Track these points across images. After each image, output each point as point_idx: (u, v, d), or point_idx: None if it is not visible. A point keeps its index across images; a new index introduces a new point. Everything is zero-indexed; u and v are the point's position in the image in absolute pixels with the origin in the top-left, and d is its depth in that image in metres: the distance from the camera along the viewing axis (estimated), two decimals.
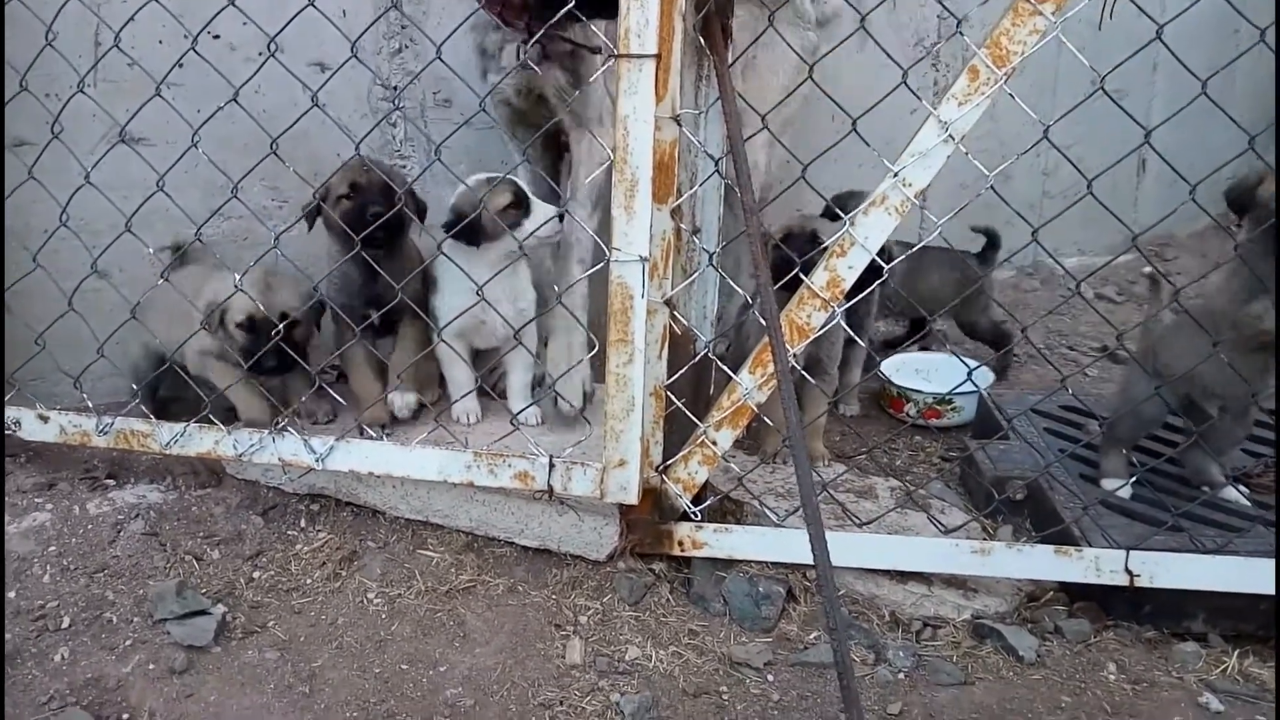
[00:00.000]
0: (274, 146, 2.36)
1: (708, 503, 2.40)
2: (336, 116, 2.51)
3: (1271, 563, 2.15)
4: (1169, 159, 2.18)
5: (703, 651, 2.21)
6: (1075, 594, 2.37)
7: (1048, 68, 4.33)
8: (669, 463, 2.38)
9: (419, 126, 3.24)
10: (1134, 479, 2.35)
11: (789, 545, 2.35)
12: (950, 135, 2.12)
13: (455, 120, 3.22)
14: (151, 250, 2.66)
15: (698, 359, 2.38)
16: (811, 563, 2.22)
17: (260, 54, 2.96)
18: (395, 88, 3.25)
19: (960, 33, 2.13)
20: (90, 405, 2.61)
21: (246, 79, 2.41)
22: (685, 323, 2.37)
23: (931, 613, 2.30)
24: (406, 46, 3.26)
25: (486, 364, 2.76)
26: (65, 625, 2.19)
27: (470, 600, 2.34)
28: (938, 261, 3.42)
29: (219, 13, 2.40)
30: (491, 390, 2.71)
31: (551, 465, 2.33)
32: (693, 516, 2.38)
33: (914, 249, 2.28)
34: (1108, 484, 2.50)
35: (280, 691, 2.04)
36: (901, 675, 2.14)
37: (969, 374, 2.27)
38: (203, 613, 2.20)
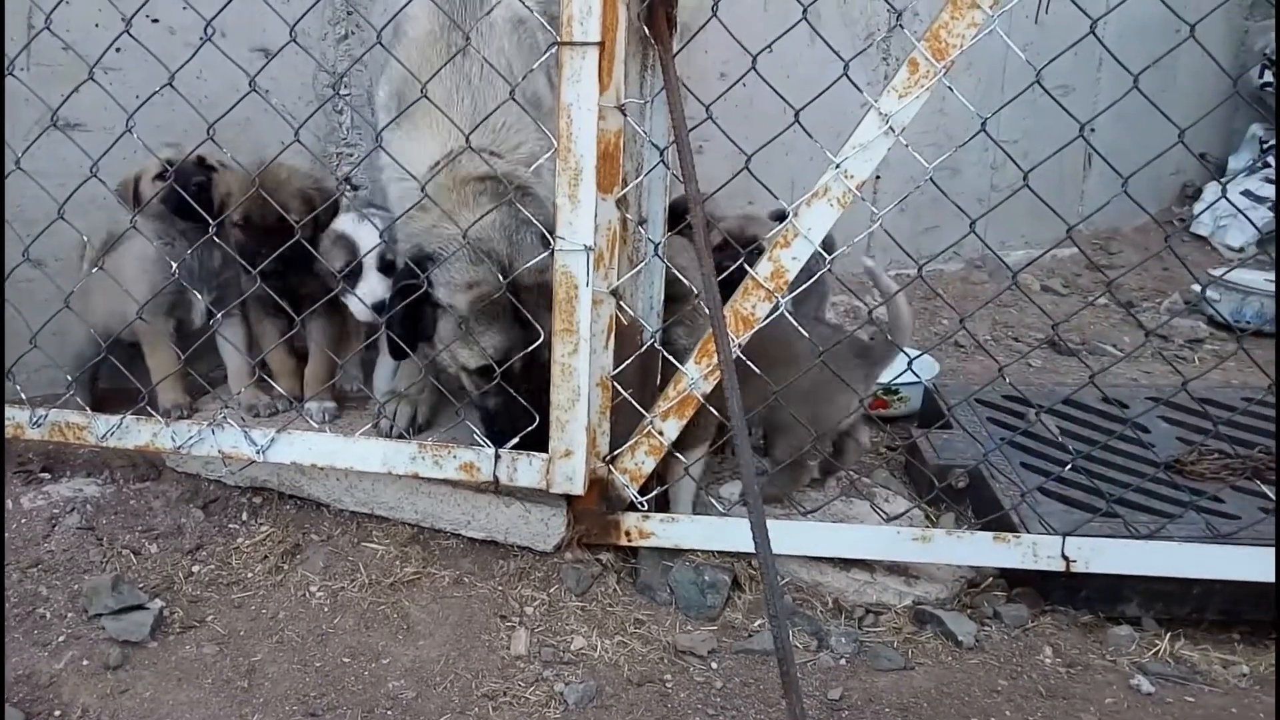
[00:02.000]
0: (210, 132, 2.32)
1: (654, 493, 2.41)
2: (280, 104, 2.48)
3: (1203, 548, 2.21)
4: (1113, 155, 2.23)
5: (648, 640, 2.21)
6: (1014, 580, 2.41)
7: (996, 64, 4.39)
8: (616, 453, 2.38)
9: (364, 115, 3.20)
10: (1070, 465, 2.39)
11: (735, 534, 2.36)
12: (890, 127, 2.14)
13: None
14: (86, 239, 2.60)
15: (644, 349, 2.38)
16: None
17: (200, 38, 2.91)
18: (342, 75, 3.20)
19: (900, 25, 2.16)
20: (24, 397, 2.55)
21: (183, 63, 2.36)
22: (631, 313, 2.37)
23: (874, 599, 2.33)
24: (352, 33, 3.22)
25: None
26: None
27: (415, 592, 2.32)
28: None
29: None
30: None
31: (497, 456, 2.32)
32: (639, 506, 2.38)
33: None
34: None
35: (218, 686, 2.01)
36: (843, 661, 2.17)
37: (909, 364, 2.29)
38: (139, 607, 2.16)
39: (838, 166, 2.17)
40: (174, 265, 2.51)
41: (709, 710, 2.02)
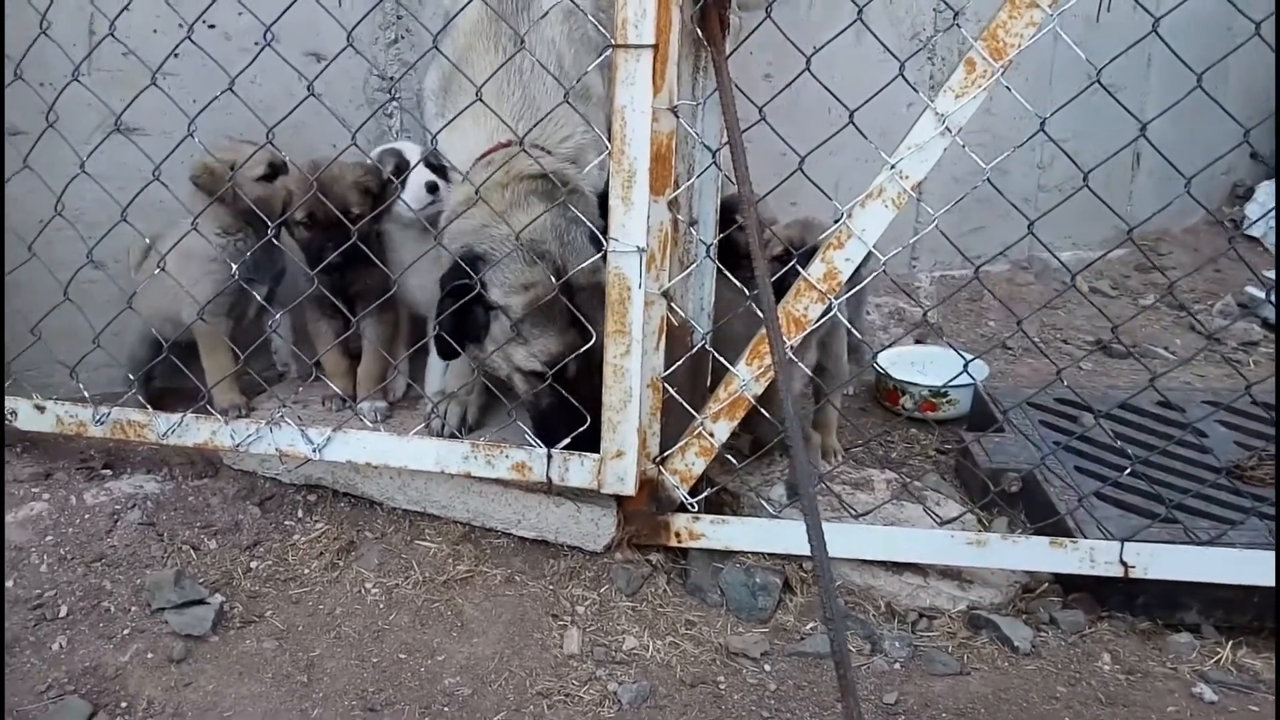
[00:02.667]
0: (270, 137, 2.36)
1: (704, 494, 2.41)
2: (333, 107, 2.50)
3: (1266, 555, 2.17)
4: (1164, 154, 2.19)
5: (699, 642, 2.21)
6: (1070, 585, 2.38)
7: (1044, 62, 4.34)
8: (666, 454, 2.39)
9: (415, 117, 3.23)
10: (1129, 470, 2.36)
11: (785, 536, 2.36)
12: (947, 128, 2.13)
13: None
14: (149, 240, 2.66)
15: (695, 350, 2.39)
16: (807, 554, 2.24)
17: (256, 43, 2.95)
18: (391, 78, 3.24)
19: (957, 25, 2.14)
20: (87, 395, 2.60)
21: (242, 69, 2.40)
22: (682, 314, 2.38)
23: (927, 603, 2.31)
24: (403, 37, 3.25)
25: None
26: (63, 614, 2.19)
27: (468, 590, 2.34)
28: None
29: (213, 2, 2.39)
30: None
31: (549, 456, 2.34)
32: (690, 508, 2.39)
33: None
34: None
35: (279, 680, 2.04)
36: (897, 665, 2.15)
37: (965, 366, 2.27)
38: (200, 602, 2.20)
39: (893, 167, 2.16)
40: (234, 266, 2.56)
41: (763, 713, 2.01)
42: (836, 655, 1.81)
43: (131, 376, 2.68)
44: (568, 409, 2.30)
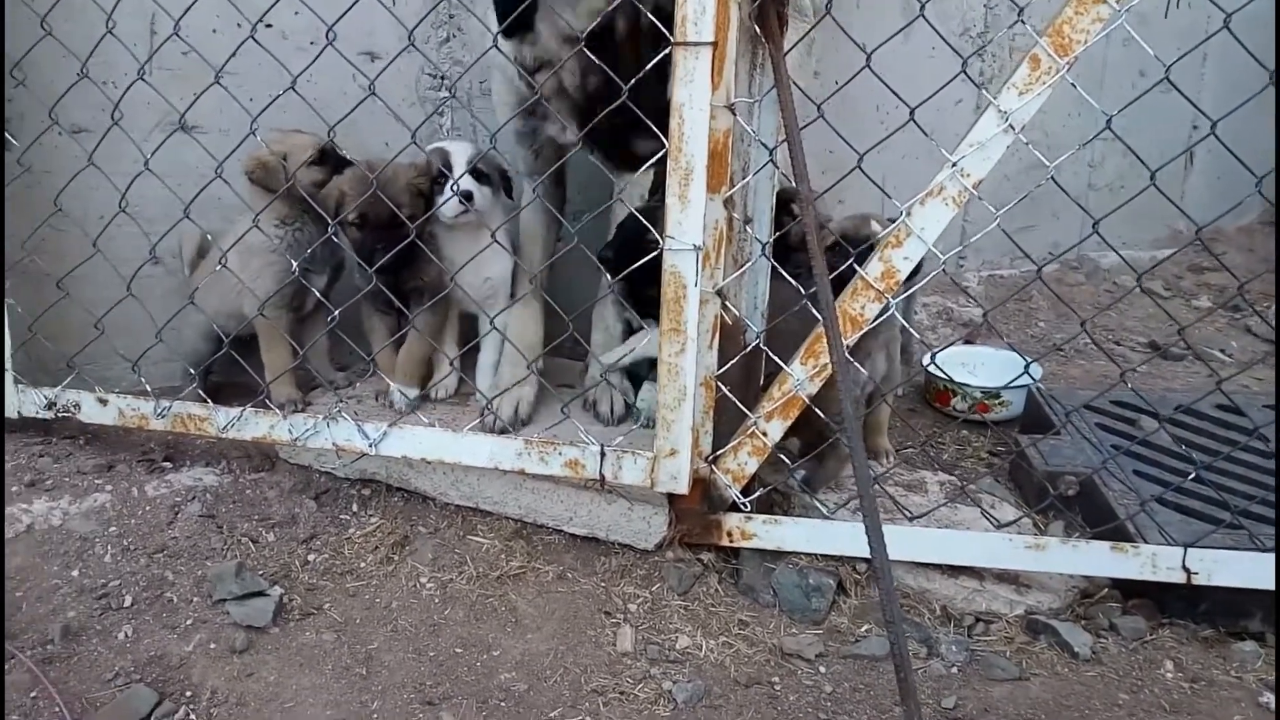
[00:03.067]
0: (331, 134, 2.38)
1: (757, 494, 2.40)
2: (386, 105, 2.52)
3: None
4: (1218, 152, 2.16)
5: (753, 642, 2.21)
6: (1129, 591, 2.34)
7: (1095, 59, 4.27)
8: (718, 453, 2.38)
9: (471, 112, 3.25)
10: (1193, 475, 2.32)
11: (839, 538, 2.34)
12: (1010, 125, 2.10)
13: None
14: (210, 237, 2.70)
15: (749, 349, 2.38)
16: (861, 555, 2.23)
17: (312, 43, 2.99)
18: (443, 77, 3.26)
19: (1023, 20, 2.10)
20: (149, 389, 2.65)
21: (303, 68, 2.43)
22: (736, 312, 2.37)
23: (984, 608, 2.29)
24: (454, 35, 3.27)
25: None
26: (127, 604, 2.23)
27: (521, 587, 2.35)
28: None
29: (277, 1, 2.42)
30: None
31: (602, 454, 2.34)
32: (742, 507, 2.38)
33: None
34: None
35: (338, 673, 2.07)
36: (955, 669, 2.13)
37: (1026, 367, 2.24)
38: (261, 594, 2.23)
39: (954, 165, 2.13)
40: (293, 260, 2.59)
41: (820, 715, 2.00)
42: (896, 658, 1.80)
43: (192, 371, 2.72)
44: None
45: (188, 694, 2.00)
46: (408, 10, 3.11)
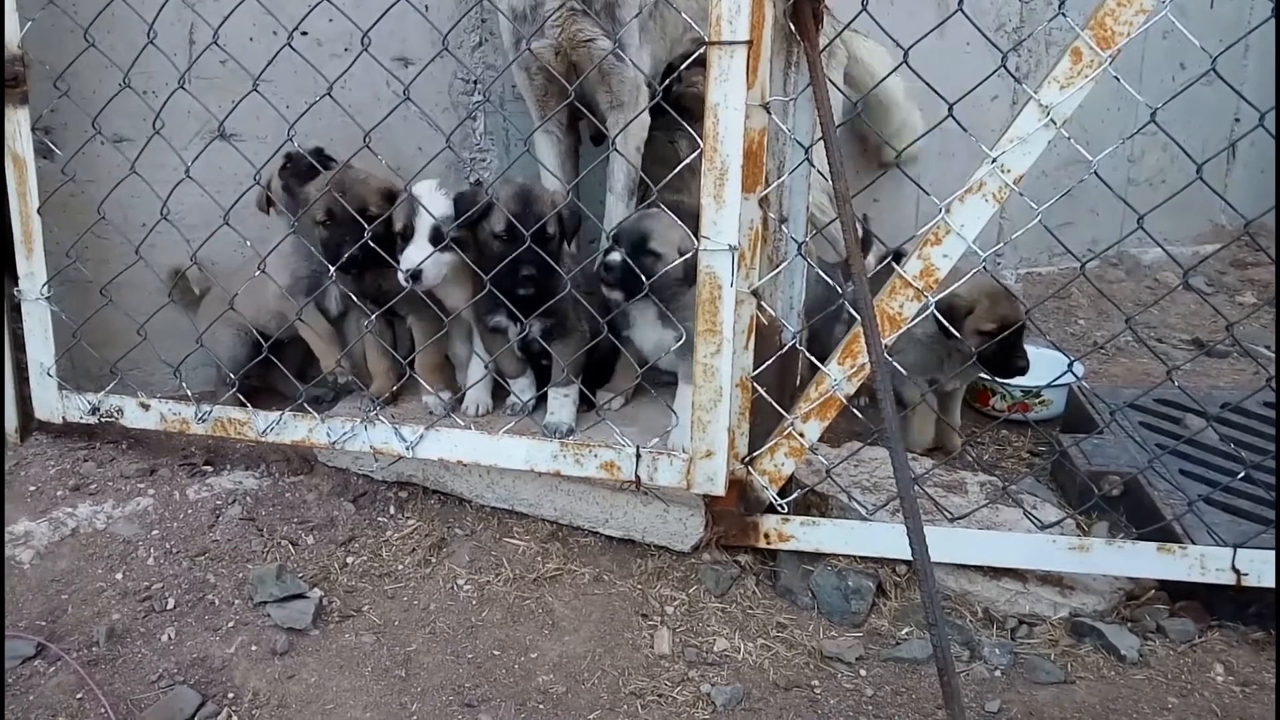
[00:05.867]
0: (367, 140, 2.40)
1: (794, 495, 2.38)
2: (418, 111, 2.54)
3: None
4: (1257, 146, 2.11)
5: (792, 645, 2.19)
6: (1176, 593, 2.30)
7: (1134, 53, 4.20)
8: (755, 454, 2.37)
9: (503, 115, 3.26)
10: (1241, 475, 2.26)
11: (878, 539, 2.32)
12: (1051, 120, 2.07)
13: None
14: (249, 243, 2.73)
15: (784, 350, 2.36)
16: (901, 557, 2.21)
17: (346, 50, 3.02)
18: (476, 81, 3.27)
19: (1063, 13, 2.07)
20: (189, 394, 2.69)
21: (339, 74, 2.45)
22: (772, 313, 2.35)
23: (1027, 610, 2.25)
24: (486, 40, 3.28)
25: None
26: (170, 606, 2.25)
27: (557, 589, 2.35)
28: None
29: (313, 9, 2.45)
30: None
31: (638, 456, 2.33)
32: (779, 509, 2.36)
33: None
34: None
35: (378, 674, 2.08)
36: (999, 673, 2.10)
37: (1069, 365, 2.21)
38: (301, 596, 2.25)
39: (994, 161, 2.10)
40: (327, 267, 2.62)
41: (861, 718, 1.98)
42: (940, 661, 1.77)
43: (232, 375, 2.75)
44: None
45: (230, 695, 2.02)
46: (440, 15, 3.14)
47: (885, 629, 2.23)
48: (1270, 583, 2.14)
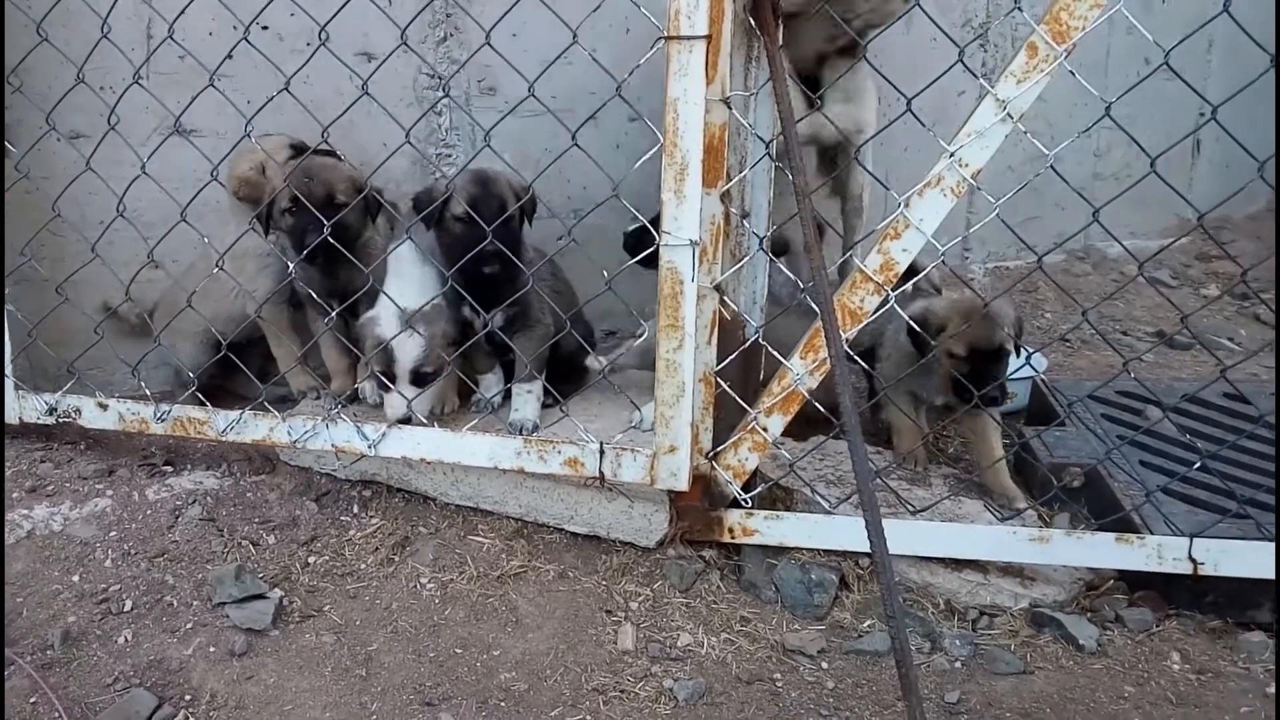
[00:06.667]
0: (325, 136, 2.38)
1: (758, 490, 2.39)
2: (382, 106, 2.52)
3: None
4: (1224, 140, 2.13)
5: (755, 639, 2.19)
6: (1135, 583, 2.32)
7: (1099, 47, 4.23)
8: (719, 449, 2.37)
9: (468, 113, 3.24)
10: (1198, 465, 2.29)
11: (841, 533, 2.32)
12: (1008, 114, 2.08)
13: (500, 108, 3.21)
14: (207, 240, 2.70)
15: (747, 345, 2.36)
16: (864, 550, 2.21)
17: (308, 44, 2.97)
18: (440, 76, 3.25)
19: (1019, 8, 2.08)
20: (148, 393, 2.65)
21: (297, 69, 2.42)
22: (734, 308, 2.35)
23: (988, 601, 2.27)
24: (451, 35, 3.26)
25: None
26: (128, 608, 2.23)
27: (521, 586, 2.34)
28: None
29: (270, 3, 2.42)
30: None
31: (602, 452, 2.33)
32: (743, 503, 2.36)
33: None
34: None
35: (338, 674, 2.06)
36: (959, 664, 2.11)
37: (1026, 359, 2.22)
38: (261, 597, 2.23)
39: (952, 155, 2.11)
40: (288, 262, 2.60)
41: (822, 711, 1.99)
42: (898, 653, 1.78)
43: (192, 375, 2.72)
44: None
45: (187, 697, 1.99)
46: (402, 11, 3.11)
47: (848, 622, 2.24)
48: (1228, 572, 2.16)
